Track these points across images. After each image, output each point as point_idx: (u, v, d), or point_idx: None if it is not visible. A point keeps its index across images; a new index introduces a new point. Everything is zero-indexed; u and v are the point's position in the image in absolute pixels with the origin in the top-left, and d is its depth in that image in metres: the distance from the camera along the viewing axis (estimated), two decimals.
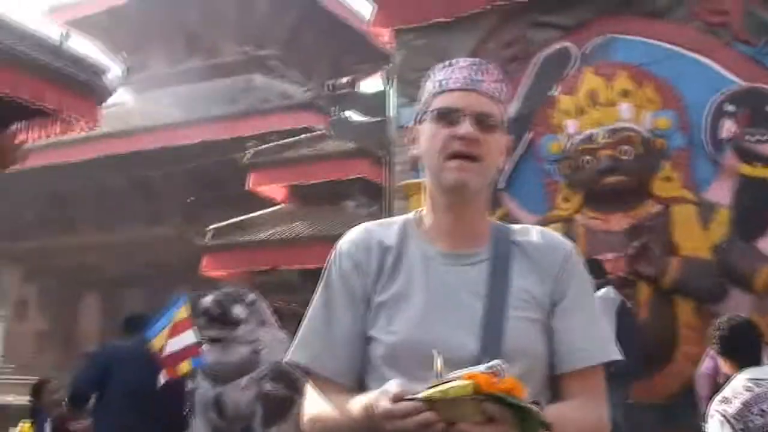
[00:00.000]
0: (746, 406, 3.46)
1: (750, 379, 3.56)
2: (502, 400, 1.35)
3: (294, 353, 1.74)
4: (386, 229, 1.78)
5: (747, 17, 8.41)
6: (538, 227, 1.82)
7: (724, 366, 3.81)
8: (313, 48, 23.50)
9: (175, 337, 6.54)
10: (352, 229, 1.81)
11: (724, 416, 3.48)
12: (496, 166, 1.73)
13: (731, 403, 3.50)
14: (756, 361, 3.71)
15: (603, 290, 6.57)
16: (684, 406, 7.11)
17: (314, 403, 1.70)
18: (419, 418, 1.37)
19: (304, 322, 1.76)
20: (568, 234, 8.48)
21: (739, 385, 3.56)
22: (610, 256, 8.11)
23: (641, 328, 7.60)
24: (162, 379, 6.35)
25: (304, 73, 22.87)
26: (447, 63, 1.77)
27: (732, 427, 3.45)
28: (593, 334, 1.71)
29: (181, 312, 6.63)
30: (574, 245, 1.79)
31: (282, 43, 23.19)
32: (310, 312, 1.76)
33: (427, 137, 1.71)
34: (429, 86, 1.76)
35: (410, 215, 1.82)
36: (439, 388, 1.36)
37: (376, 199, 12.82)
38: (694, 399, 6.31)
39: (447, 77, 1.73)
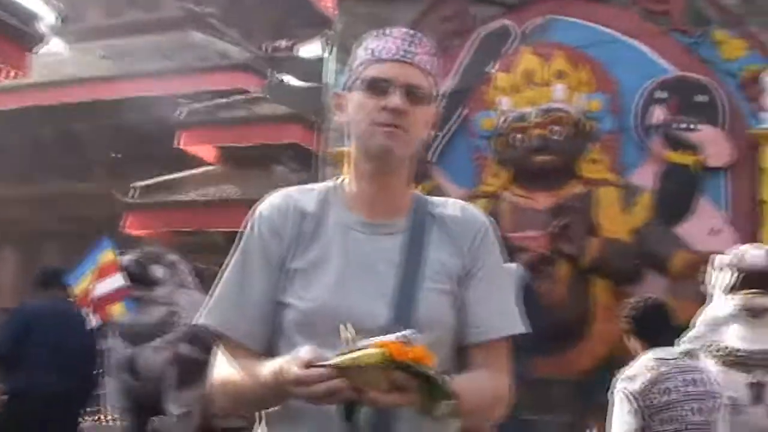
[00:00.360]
0: (650, 384, 3.56)
1: (655, 359, 3.67)
2: (411, 369, 1.38)
3: (206, 316, 1.74)
4: (307, 195, 1.78)
5: (687, 7, 8.57)
6: (458, 201, 1.85)
7: (635, 345, 3.91)
8: (255, 8, 23.14)
9: (103, 280, 6.44)
10: (272, 193, 1.81)
11: (629, 393, 3.58)
12: (422, 139, 1.75)
13: (636, 380, 3.60)
14: (664, 341, 3.82)
15: (509, 265, 6.72)
16: (596, 383, 7.25)
17: (224, 367, 1.69)
18: (328, 385, 1.39)
19: (218, 285, 1.75)
20: (494, 209, 8.59)
21: (644, 364, 3.67)
22: (533, 233, 8.25)
23: (545, 304, 7.79)
24: (94, 322, 6.25)
25: (243, 34, 22.50)
26: (380, 32, 1.77)
27: (636, 403, 3.55)
28: (501, 307, 1.75)
29: (107, 255, 6.53)
30: (490, 220, 1.82)
31: (223, 1, 22.80)
32: (225, 274, 1.75)
33: (356, 105, 1.71)
34: (361, 54, 1.75)
35: (332, 182, 1.83)
36: (349, 355, 1.38)
37: (308, 165, 12.73)
38: (606, 376, 6.47)
39: (380, 46, 1.72)
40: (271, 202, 1.78)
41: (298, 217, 1.73)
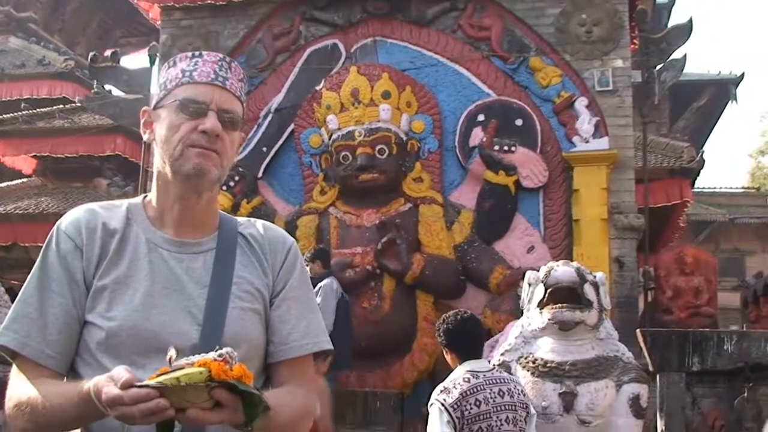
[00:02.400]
0: (463, 396, 3.69)
1: (469, 371, 3.81)
2: (233, 387, 1.38)
3: (2, 335, 1.64)
4: (111, 211, 1.73)
5: (506, 35, 8.99)
6: (262, 221, 1.86)
7: (450, 358, 4.04)
8: (78, 15, 22.31)
9: None
10: (75, 208, 1.74)
11: (443, 405, 3.70)
12: (231, 163, 1.75)
13: (450, 392, 3.72)
14: (476, 354, 3.98)
15: (326, 280, 6.85)
16: (418, 395, 7.47)
17: (22, 388, 1.59)
18: (150, 405, 1.35)
19: (16, 302, 1.66)
20: (321, 226, 8.69)
21: (458, 376, 3.80)
22: (359, 249, 8.37)
23: (370, 320, 8.06)
24: None
25: (67, 41, 21.63)
26: (193, 54, 1.75)
27: (450, 415, 3.68)
28: (307, 325, 1.77)
29: None
30: (294, 240, 1.85)
31: (46, 7, 21.83)
32: (23, 291, 1.65)
33: (168, 125, 1.68)
34: (172, 73, 1.72)
35: (137, 199, 1.78)
36: (171, 374, 1.36)
37: (132, 177, 12.40)
38: (429, 389, 6.65)
39: (193, 68, 1.71)
40: (73, 217, 1.71)
41: (103, 233, 1.67)
